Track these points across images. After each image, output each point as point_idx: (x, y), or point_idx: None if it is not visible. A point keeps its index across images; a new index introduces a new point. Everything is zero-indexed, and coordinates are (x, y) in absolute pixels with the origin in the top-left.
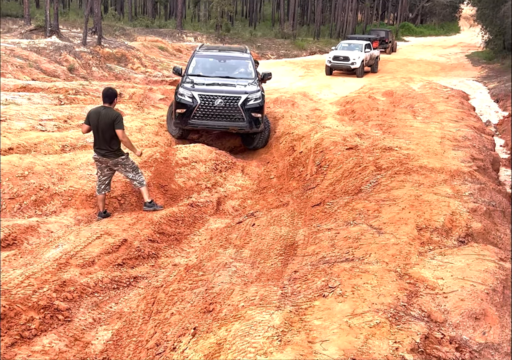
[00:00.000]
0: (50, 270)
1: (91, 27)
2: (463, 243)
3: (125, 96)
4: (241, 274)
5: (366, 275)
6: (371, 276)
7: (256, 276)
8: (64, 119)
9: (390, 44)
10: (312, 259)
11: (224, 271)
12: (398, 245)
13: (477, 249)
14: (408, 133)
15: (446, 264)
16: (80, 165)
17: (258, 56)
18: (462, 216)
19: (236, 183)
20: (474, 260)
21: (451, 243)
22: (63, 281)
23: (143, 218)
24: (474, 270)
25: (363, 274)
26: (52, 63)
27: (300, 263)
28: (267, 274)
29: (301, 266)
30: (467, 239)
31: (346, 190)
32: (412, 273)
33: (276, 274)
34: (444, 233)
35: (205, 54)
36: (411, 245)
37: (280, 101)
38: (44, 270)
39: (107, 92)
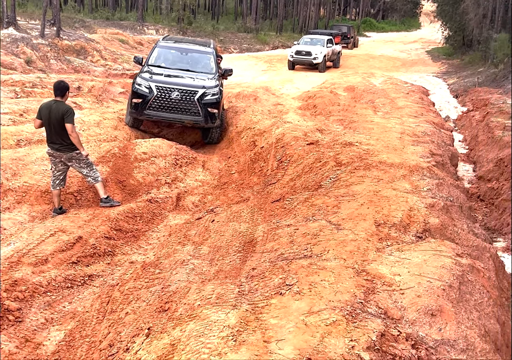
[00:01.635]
0: (1, 269)
1: (50, 19)
2: (421, 239)
3: (84, 90)
4: (198, 271)
5: (323, 272)
6: (329, 273)
7: (214, 273)
8: (20, 112)
9: (352, 40)
10: (270, 256)
11: (181, 268)
12: (356, 241)
13: (434, 244)
14: (368, 129)
15: (404, 260)
16: (35, 160)
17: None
18: (420, 212)
19: (197, 178)
20: (431, 256)
21: (409, 239)
22: (14, 281)
23: (99, 214)
24: (431, 266)
25: (320, 271)
26: (9, 55)
27: (259, 260)
28: (225, 271)
29: (260, 263)
30: (425, 235)
31: (306, 186)
32: (370, 269)
33: (234, 272)
34: (402, 228)
35: (168, 45)
36: (369, 241)
37: (242, 95)
38: None
39: (58, 85)
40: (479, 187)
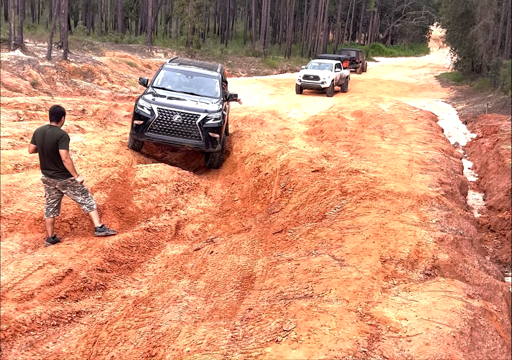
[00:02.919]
0: None
1: (58, 41)
2: (430, 277)
3: (89, 113)
4: (192, 310)
5: (324, 316)
6: (330, 317)
7: (209, 312)
8: (20, 136)
9: (360, 64)
10: (269, 294)
11: (174, 306)
12: (361, 280)
13: (443, 284)
14: (375, 155)
15: (411, 302)
16: (30, 187)
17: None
18: (428, 247)
19: (198, 205)
20: (441, 297)
21: (417, 277)
22: None
23: (93, 244)
24: (440, 309)
25: (321, 315)
26: (15, 78)
27: (257, 299)
28: (221, 310)
29: (257, 303)
30: (434, 272)
31: (310, 216)
32: (374, 312)
33: (230, 311)
34: (410, 265)
35: (174, 68)
36: (374, 279)
37: (249, 119)
38: None
39: (54, 110)
40: (490, 217)
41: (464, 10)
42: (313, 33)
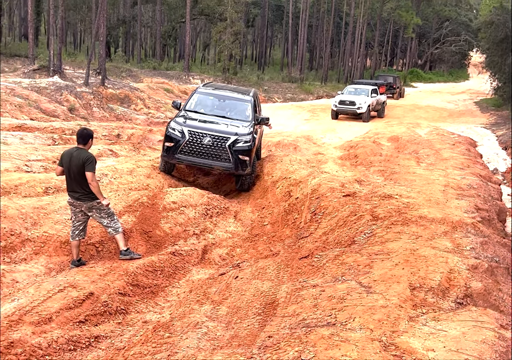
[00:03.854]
0: None
1: (97, 68)
2: (461, 305)
3: (123, 137)
4: (211, 336)
5: (345, 345)
6: (352, 347)
7: (228, 339)
8: (53, 159)
9: (397, 90)
10: (291, 321)
11: (193, 332)
12: (387, 308)
13: (475, 314)
14: (410, 180)
15: (439, 332)
16: (58, 209)
17: (265, 99)
18: (461, 274)
19: (227, 229)
20: (471, 327)
21: (448, 306)
22: (11, 342)
23: (117, 268)
24: (470, 340)
25: (342, 344)
26: (52, 103)
27: (278, 326)
28: (241, 337)
29: (278, 330)
30: (466, 301)
31: (339, 241)
32: (399, 342)
33: (249, 338)
34: (440, 293)
35: (206, 91)
36: (402, 307)
37: (282, 144)
38: None
39: (81, 133)
40: None
41: (503, 35)
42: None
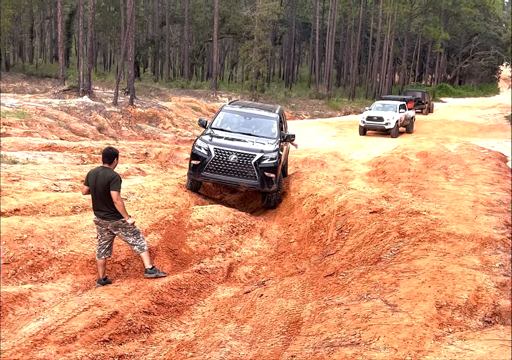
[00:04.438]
0: (23, 348)
1: (125, 87)
2: (489, 324)
3: (151, 156)
4: (234, 356)
5: None
6: None
7: (251, 359)
8: (81, 179)
9: (426, 105)
10: (315, 340)
11: (216, 352)
12: (412, 327)
13: (503, 332)
14: (439, 196)
15: (466, 352)
16: (85, 228)
17: (292, 116)
18: (489, 292)
19: (253, 247)
20: (498, 346)
21: (475, 324)
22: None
23: (142, 286)
24: None
25: None
26: (82, 123)
27: (302, 345)
28: (264, 357)
29: (301, 349)
30: (494, 319)
31: (365, 258)
32: None
33: (273, 358)
34: (468, 311)
35: (232, 109)
36: (428, 326)
37: (309, 161)
38: (15, 348)
39: (107, 152)
40: None
41: None
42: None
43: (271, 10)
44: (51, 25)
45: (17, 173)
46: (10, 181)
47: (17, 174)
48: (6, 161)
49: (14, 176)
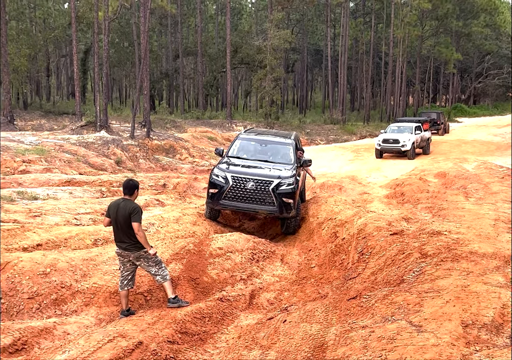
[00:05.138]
0: None
1: (142, 120)
2: None
3: (169, 187)
4: None
5: None
6: None
7: None
8: (101, 212)
9: (442, 126)
10: None
11: None
12: (438, 347)
13: None
14: (459, 216)
15: None
16: (106, 260)
17: (308, 142)
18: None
19: (274, 273)
20: None
21: (502, 342)
22: None
23: (165, 316)
24: None
25: None
26: (100, 157)
27: None
28: None
29: None
30: None
31: (388, 280)
32: None
33: None
34: (494, 329)
35: (248, 137)
36: (454, 346)
37: (327, 186)
38: None
39: (127, 184)
40: None
41: None
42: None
43: (282, 38)
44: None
45: (38, 209)
46: (31, 216)
47: (38, 209)
48: (27, 198)
49: (35, 211)
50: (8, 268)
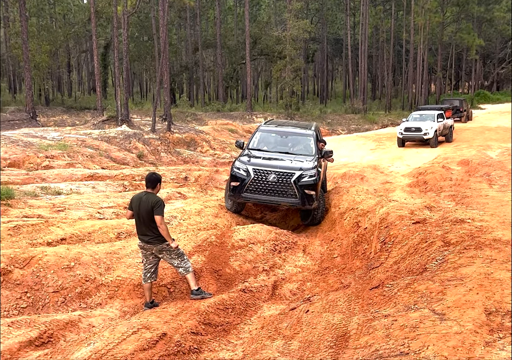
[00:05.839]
0: None
1: (162, 114)
2: None
3: (191, 179)
4: None
5: None
6: None
7: None
8: (124, 205)
9: (465, 113)
10: (364, 352)
11: None
12: (461, 334)
13: None
14: (482, 203)
15: None
16: (129, 253)
17: (329, 132)
18: None
19: (296, 264)
20: None
21: None
22: None
23: (188, 307)
24: None
25: None
26: (122, 151)
27: (351, 358)
28: None
29: None
30: None
31: (410, 269)
32: None
33: None
34: None
35: (268, 129)
36: (477, 333)
37: (348, 175)
38: None
39: (150, 178)
40: None
41: None
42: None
43: (301, 28)
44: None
45: (61, 204)
46: (55, 211)
47: (62, 204)
48: (50, 193)
49: (59, 206)
50: (33, 263)
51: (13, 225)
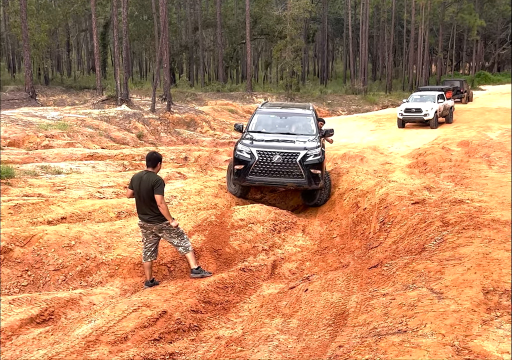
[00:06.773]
0: (77, 349)
1: (162, 94)
2: None
3: (191, 159)
4: (283, 349)
5: (417, 351)
6: (423, 352)
7: (299, 351)
8: (124, 185)
9: (465, 94)
10: (362, 330)
11: (264, 346)
12: (459, 313)
13: None
14: (482, 184)
15: None
16: (130, 232)
17: (329, 113)
18: None
19: (296, 243)
20: None
21: None
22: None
23: (188, 286)
24: None
25: (413, 350)
26: (122, 131)
27: (349, 335)
28: (312, 348)
29: (349, 340)
30: None
31: (409, 249)
32: (473, 346)
33: (320, 349)
34: None
35: (267, 111)
36: (475, 312)
37: (348, 156)
38: (69, 350)
39: (150, 157)
40: None
41: None
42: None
43: (302, 8)
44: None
45: (61, 183)
46: (55, 190)
47: (62, 183)
48: (50, 172)
49: (59, 185)
50: (33, 241)
51: (13, 204)
